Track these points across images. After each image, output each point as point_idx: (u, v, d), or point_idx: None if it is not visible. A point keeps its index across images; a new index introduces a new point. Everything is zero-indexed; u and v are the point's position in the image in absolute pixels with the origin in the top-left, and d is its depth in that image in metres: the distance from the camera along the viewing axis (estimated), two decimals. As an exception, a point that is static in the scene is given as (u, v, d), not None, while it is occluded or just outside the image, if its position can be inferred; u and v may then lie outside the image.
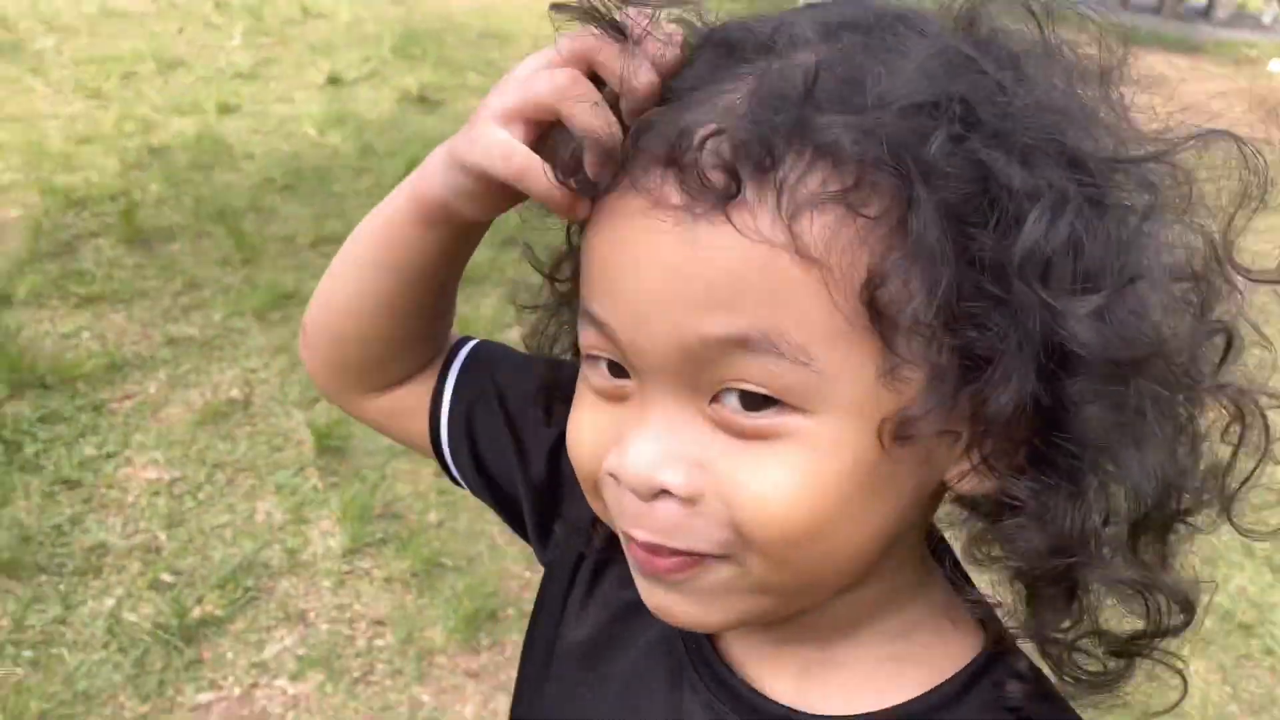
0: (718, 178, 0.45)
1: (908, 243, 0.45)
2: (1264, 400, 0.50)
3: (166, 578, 2.26)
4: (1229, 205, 0.49)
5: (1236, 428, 0.50)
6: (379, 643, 2.19)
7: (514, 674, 0.74)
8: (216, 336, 3.19)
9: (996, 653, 0.57)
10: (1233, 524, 0.51)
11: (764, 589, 0.52)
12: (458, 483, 0.77)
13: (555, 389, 0.65)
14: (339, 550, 2.40)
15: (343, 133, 4.98)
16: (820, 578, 0.52)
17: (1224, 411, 0.50)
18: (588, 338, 0.53)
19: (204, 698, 2.02)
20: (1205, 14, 10.77)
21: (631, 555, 0.54)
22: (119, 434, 2.69)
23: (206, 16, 6.76)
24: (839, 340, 0.46)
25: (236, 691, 2.04)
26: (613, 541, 0.61)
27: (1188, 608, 0.52)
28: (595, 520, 0.59)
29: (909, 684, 0.56)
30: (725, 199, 0.45)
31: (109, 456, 2.61)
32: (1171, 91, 0.51)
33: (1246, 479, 0.50)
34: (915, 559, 0.59)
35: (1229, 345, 0.50)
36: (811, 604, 0.55)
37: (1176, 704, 0.53)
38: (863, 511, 0.50)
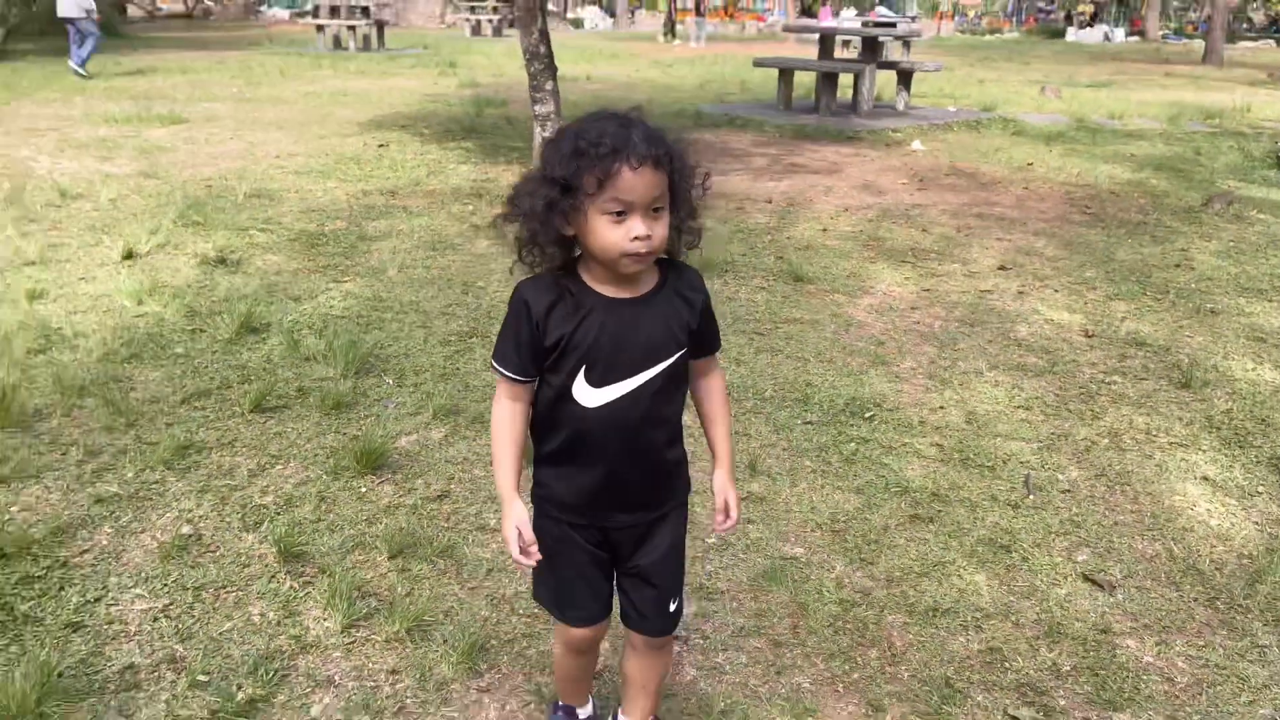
0: (659, 161, 1.79)
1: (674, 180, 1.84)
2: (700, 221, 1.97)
3: (202, 677, 2.63)
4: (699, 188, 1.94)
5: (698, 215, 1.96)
6: (400, 685, 2.66)
7: (520, 683, 1.90)
8: (139, 490, 3.51)
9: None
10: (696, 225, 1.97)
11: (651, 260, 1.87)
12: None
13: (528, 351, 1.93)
14: (337, 628, 2.85)
15: (161, 300, 5.28)
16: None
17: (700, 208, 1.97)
18: (613, 207, 1.74)
19: (278, 756, 2.42)
20: (853, 108, 12.88)
21: (626, 263, 1.80)
22: (95, 581, 2.99)
23: (-35, 212, 6.74)
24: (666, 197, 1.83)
25: (304, 745, 2.46)
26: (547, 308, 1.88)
27: (701, 235, 1.96)
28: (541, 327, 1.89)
29: (652, 278, 1.93)
30: (659, 168, 1.78)
31: (96, 600, 2.91)
32: (846, 173, 2.18)
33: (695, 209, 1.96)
34: None
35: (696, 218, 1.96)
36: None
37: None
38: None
